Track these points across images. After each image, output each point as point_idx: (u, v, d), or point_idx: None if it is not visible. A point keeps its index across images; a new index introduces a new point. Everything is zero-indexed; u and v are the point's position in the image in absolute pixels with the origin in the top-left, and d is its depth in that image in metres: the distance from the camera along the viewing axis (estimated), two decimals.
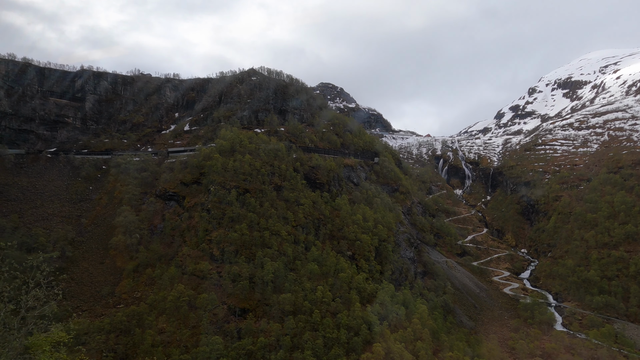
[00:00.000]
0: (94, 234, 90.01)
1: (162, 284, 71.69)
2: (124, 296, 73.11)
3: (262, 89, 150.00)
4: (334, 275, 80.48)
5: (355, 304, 72.92)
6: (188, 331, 62.87)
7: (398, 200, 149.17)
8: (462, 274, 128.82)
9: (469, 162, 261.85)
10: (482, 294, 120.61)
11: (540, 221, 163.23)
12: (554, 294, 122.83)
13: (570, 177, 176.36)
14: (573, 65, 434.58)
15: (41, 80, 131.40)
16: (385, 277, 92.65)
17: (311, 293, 72.31)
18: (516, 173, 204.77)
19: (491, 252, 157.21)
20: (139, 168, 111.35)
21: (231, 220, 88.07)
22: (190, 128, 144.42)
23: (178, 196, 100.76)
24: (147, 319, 63.82)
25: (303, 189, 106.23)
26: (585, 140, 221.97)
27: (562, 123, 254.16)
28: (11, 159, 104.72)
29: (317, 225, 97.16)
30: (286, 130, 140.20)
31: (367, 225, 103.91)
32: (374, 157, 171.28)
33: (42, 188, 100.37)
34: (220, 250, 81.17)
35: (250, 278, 73.84)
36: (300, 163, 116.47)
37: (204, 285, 72.57)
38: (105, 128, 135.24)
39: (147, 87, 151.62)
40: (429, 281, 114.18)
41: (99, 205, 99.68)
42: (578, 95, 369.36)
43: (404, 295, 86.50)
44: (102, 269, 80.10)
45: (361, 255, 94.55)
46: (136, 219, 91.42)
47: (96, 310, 69.47)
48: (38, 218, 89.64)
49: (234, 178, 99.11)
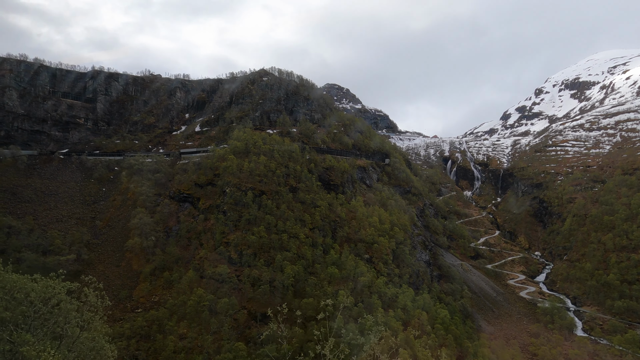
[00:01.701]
0: (108, 236, 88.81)
1: (181, 288, 70.29)
2: (141, 300, 71.75)
3: (274, 90, 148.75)
4: (353, 279, 78.81)
5: (378, 309, 71.22)
6: (210, 337, 61.38)
7: (411, 201, 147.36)
8: (477, 277, 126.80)
9: (477, 164, 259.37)
10: (499, 297, 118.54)
11: (554, 223, 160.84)
12: (572, 298, 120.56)
13: (583, 178, 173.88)
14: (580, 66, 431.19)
15: (53, 81, 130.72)
16: (403, 281, 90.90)
17: (332, 298, 70.64)
18: (527, 174, 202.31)
19: (504, 254, 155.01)
20: (152, 169, 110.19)
21: (248, 222, 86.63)
22: (202, 129, 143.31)
23: (192, 198, 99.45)
24: (167, 324, 62.40)
25: (318, 191, 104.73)
26: (597, 141, 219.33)
27: (572, 124, 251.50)
28: (24, 160, 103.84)
29: (334, 228, 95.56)
30: (298, 131, 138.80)
31: (383, 228, 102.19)
32: (384, 158, 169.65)
33: (55, 189, 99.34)
34: (238, 253, 79.73)
35: (271, 282, 72.33)
36: (315, 164, 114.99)
37: (223, 289, 71.10)
38: (116, 129, 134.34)
39: (158, 87, 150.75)
40: (445, 285, 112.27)
41: (112, 206, 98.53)
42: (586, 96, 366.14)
43: (423, 299, 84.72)
44: (118, 272, 78.82)
45: (379, 259, 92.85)
46: (151, 221, 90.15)
47: (114, 314, 68.11)
48: (52, 220, 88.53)
49: (249, 179, 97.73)
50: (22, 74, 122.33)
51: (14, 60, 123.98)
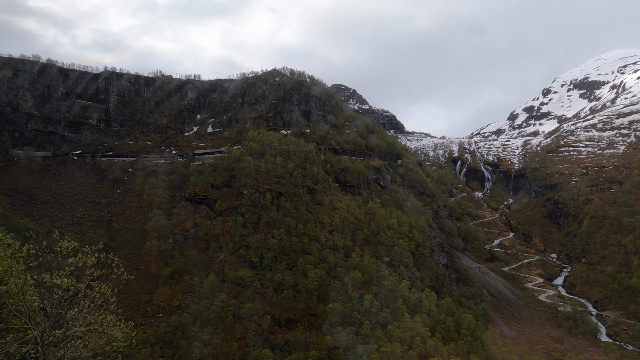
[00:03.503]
0: (126, 239, 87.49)
1: (203, 293, 68.72)
2: (162, 304, 70.27)
3: (287, 90, 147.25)
4: (377, 283, 76.93)
5: (404, 314, 69.29)
6: (235, 343, 59.74)
7: (425, 203, 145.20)
8: (496, 280, 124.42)
9: (487, 164, 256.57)
10: (518, 301, 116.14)
11: (570, 225, 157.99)
12: (594, 302, 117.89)
13: (599, 179, 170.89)
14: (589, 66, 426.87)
15: (65, 82, 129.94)
16: (425, 285, 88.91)
17: (358, 302, 68.86)
18: (540, 175, 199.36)
19: (520, 257, 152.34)
20: (166, 171, 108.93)
21: (267, 224, 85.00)
22: (214, 129, 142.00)
23: (209, 199, 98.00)
24: (191, 330, 60.83)
25: (335, 192, 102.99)
26: (610, 141, 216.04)
27: (584, 124, 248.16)
28: (39, 161, 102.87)
29: (353, 230, 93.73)
30: (312, 131, 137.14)
31: (402, 230, 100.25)
32: (396, 159, 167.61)
33: (70, 191, 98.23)
34: (258, 256, 78.10)
35: (294, 286, 70.61)
36: (331, 165, 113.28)
37: (245, 293, 69.47)
38: (129, 130, 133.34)
39: (169, 88, 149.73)
40: (464, 288, 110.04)
41: (128, 208, 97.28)
42: (596, 95, 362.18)
43: (447, 304, 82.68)
44: (137, 276, 77.40)
45: (399, 262, 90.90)
46: (168, 224, 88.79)
47: (135, 319, 66.61)
48: (69, 222, 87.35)
49: (266, 181, 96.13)
50: (36, 75, 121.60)
51: (27, 61, 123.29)
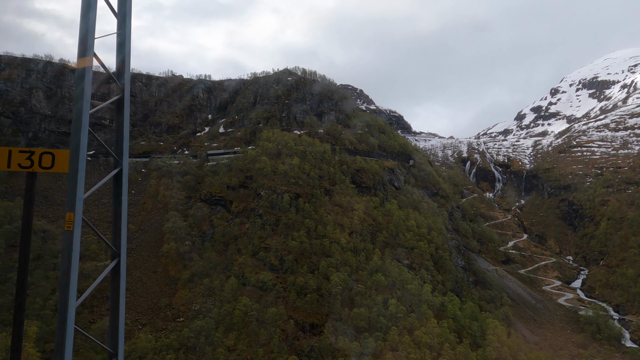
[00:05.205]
0: (142, 241, 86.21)
1: (224, 296, 67.23)
2: (182, 308, 68.87)
3: (299, 90, 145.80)
4: (400, 287, 75.11)
5: (430, 319, 67.46)
6: (260, 349, 58.18)
7: (439, 204, 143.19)
8: (514, 283, 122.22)
9: (498, 165, 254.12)
10: (538, 305, 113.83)
11: (587, 227, 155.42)
12: (615, 306, 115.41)
13: (615, 180, 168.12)
14: (598, 65, 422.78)
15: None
16: (446, 288, 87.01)
17: (383, 307, 67.09)
18: (554, 176, 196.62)
19: (536, 259, 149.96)
20: (180, 171, 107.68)
21: (286, 226, 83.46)
22: (226, 130, 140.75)
23: (225, 200, 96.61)
24: (215, 335, 59.33)
25: (352, 194, 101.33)
26: (624, 141, 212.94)
27: (596, 124, 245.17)
28: None
29: (372, 232, 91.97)
30: (325, 131, 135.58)
31: (421, 232, 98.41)
32: (408, 159, 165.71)
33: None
34: (278, 259, 76.54)
35: (317, 290, 68.98)
36: (347, 166, 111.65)
37: (268, 297, 67.92)
38: (141, 130, 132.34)
39: (181, 89, 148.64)
40: (483, 291, 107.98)
41: (143, 210, 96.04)
42: (606, 95, 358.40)
43: (471, 308, 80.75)
44: (155, 279, 76.06)
45: (420, 264, 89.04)
46: (185, 225, 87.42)
47: (156, 323, 65.27)
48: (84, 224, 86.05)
49: (283, 182, 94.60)
50: (49, 75, 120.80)
51: (40, 62, 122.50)
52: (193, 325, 60.82)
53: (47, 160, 5.93)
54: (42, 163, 5.88)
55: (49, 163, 5.93)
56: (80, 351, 56.58)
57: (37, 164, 5.83)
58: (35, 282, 65.35)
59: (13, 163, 5.66)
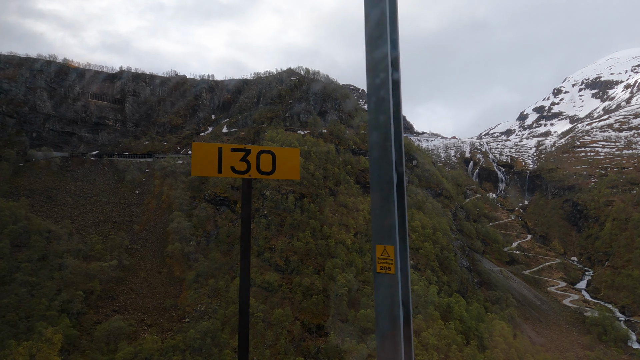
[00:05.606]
0: (147, 241, 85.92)
1: (230, 297, 66.87)
2: (187, 309, 68.55)
3: (302, 90, 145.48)
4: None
5: (437, 320, 66.96)
6: (267, 351, 57.80)
7: (443, 204, 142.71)
8: (519, 284, 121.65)
9: (501, 165, 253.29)
10: (543, 306, 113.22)
11: (591, 227, 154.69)
12: (620, 307, 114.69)
13: (619, 180, 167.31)
14: (601, 65, 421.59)
15: (81, 81, 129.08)
16: (452, 289, 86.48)
17: None
18: (557, 176, 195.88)
19: (540, 260, 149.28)
20: (184, 171, 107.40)
21: (291, 227, 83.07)
22: (229, 130, 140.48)
23: (229, 201, 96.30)
24: (221, 337, 59.00)
25: (357, 194, 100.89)
26: (629, 142, 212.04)
27: (599, 124, 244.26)
28: (57, 162, 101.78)
29: None
30: (328, 131, 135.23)
31: (425, 233, 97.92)
32: (411, 159, 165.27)
33: (89, 192, 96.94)
34: (284, 259, 76.16)
35: (323, 291, 68.58)
36: (351, 166, 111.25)
37: (274, 298, 67.54)
38: (144, 130, 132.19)
39: (184, 89, 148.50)
40: (488, 292, 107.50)
41: (147, 210, 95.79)
42: (609, 95, 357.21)
43: (477, 309, 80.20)
44: (160, 279, 75.76)
45: (425, 265, 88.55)
46: (189, 225, 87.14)
47: (162, 324, 64.96)
48: (89, 224, 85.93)
49: (288, 182, 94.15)
50: (53, 75, 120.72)
51: (44, 61, 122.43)
52: (199, 326, 60.51)
53: (267, 161, 4.43)
54: (261, 166, 4.40)
55: (269, 166, 4.45)
56: (86, 352, 56.31)
57: (255, 168, 4.40)
58: (41, 282, 65.09)
59: (225, 166, 4.32)
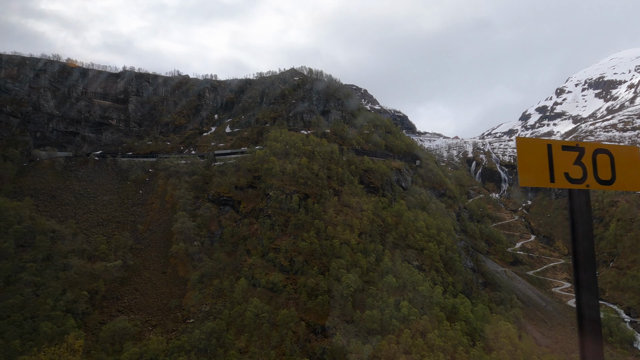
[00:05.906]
0: (151, 241, 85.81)
1: (235, 298, 66.67)
2: (192, 309, 68.36)
3: (306, 90, 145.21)
4: (411, 289, 74.26)
5: (443, 321, 66.60)
6: (273, 352, 57.55)
7: (447, 204, 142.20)
8: (523, 285, 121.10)
9: (504, 165, 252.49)
10: (548, 307, 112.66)
11: (596, 228, 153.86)
12: (626, 309, 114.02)
13: None
14: (604, 65, 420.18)
15: (84, 81, 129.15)
16: (457, 290, 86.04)
17: (395, 309, 66.28)
18: None
19: (544, 260, 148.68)
20: (188, 171, 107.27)
21: (295, 227, 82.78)
22: (232, 130, 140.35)
23: (233, 201, 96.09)
24: (227, 337, 58.76)
25: (361, 194, 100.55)
26: (633, 142, 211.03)
27: (603, 124, 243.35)
28: (61, 162, 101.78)
29: (382, 233, 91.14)
30: (332, 131, 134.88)
31: (430, 233, 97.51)
32: (415, 159, 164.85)
33: (93, 192, 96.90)
34: (288, 260, 75.89)
35: (328, 292, 68.28)
36: (355, 166, 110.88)
37: (279, 299, 67.28)
38: (147, 130, 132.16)
39: (187, 88, 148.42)
40: (492, 293, 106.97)
41: (151, 210, 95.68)
42: (613, 95, 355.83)
43: (482, 310, 79.76)
44: (164, 279, 75.62)
45: (430, 266, 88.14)
46: (193, 225, 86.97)
47: (167, 325, 64.79)
48: (94, 224, 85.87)
49: (292, 182, 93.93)
50: (56, 75, 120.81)
51: (48, 61, 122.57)
52: (204, 327, 60.32)
53: (604, 165, 3.53)
54: (599, 171, 3.48)
55: (607, 172, 3.48)
56: (91, 352, 56.15)
57: (592, 174, 3.51)
58: (46, 282, 65.02)
59: (557, 171, 3.43)
